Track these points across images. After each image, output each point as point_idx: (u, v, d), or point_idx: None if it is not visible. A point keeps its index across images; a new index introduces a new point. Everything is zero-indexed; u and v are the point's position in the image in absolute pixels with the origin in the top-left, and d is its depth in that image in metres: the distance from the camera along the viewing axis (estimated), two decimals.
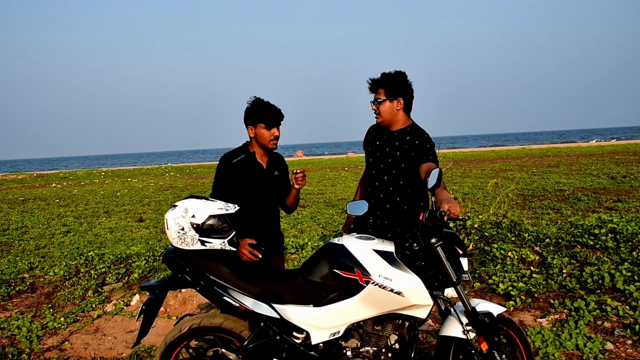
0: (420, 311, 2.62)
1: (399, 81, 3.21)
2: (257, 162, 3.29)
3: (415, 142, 3.16)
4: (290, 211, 3.50)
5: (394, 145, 3.23)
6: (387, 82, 3.20)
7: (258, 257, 3.12)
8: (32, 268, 6.47)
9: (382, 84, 3.21)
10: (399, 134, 3.24)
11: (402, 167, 3.18)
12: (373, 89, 3.26)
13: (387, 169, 3.24)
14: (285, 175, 3.46)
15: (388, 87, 3.20)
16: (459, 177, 14.32)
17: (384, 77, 3.22)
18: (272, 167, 3.35)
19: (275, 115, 3.23)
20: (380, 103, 3.21)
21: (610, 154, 19.12)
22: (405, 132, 3.23)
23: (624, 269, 4.32)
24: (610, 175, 12.47)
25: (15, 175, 33.56)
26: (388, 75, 3.22)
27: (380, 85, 3.21)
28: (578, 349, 3.57)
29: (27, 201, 14.61)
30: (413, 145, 3.15)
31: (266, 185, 3.31)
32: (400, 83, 3.21)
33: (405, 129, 3.24)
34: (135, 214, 11.40)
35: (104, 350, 4.21)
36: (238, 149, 3.34)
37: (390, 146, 3.24)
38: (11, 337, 4.48)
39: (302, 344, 2.68)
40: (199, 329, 2.75)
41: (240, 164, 3.26)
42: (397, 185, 3.21)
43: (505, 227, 5.49)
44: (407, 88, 3.23)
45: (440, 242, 2.67)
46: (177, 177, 22.46)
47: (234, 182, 3.24)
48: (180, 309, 4.86)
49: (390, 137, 3.26)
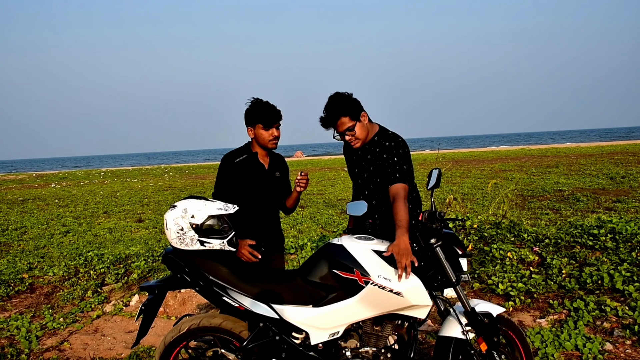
0: (419, 311, 2.63)
1: (349, 101, 3.07)
2: (259, 163, 3.29)
3: (384, 156, 3.05)
4: (289, 212, 3.50)
5: (368, 160, 3.14)
6: (344, 108, 3.04)
7: (257, 257, 3.12)
8: (31, 268, 6.47)
9: (341, 112, 3.04)
10: (370, 145, 3.13)
11: (377, 181, 3.11)
12: (333, 123, 3.08)
13: (365, 183, 3.19)
14: (285, 177, 3.46)
15: (347, 111, 3.04)
16: (459, 178, 14.33)
17: (338, 106, 3.05)
18: (273, 168, 3.35)
19: (273, 116, 3.22)
20: (352, 129, 3.06)
21: (609, 155, 19.13)
22: (374, 142, 3.12)
23: (623, 270, 4.33)
24: (610, 176, 12.47)
25: (14, 175, 33.54)
26: (339, 103, 3.05)
27: (341, 114, 3.04)
28: (577, 349, 3.57)
29: (26, 201, 14.60)
30: (382, 159, 3.05)
31: (267, 186, 3.31)
32: (351, 101, 3.08)
33: (373, 139, 3.13)
34: (135, 214, 11.39)
35: (103, 351, 4.21)
36: (240, 149, 3.34)
37: (365, 160, 3.17)
38: (10, 337, 4.47)
39: (301, 344, 2.68)
40: (198, 329, 2.75)
41: (242, 163, 3.26)
42: (378, 198, 3.14)
43: (505, 228, 5.49)
44: (356, 101, 3.11)
45: (439, 242, 2.67)
46: (176, 177, 22.46)
47: (236, 181, 3.24)
48: (180, 309, 4.86)
49: (363, 152, 3.17)
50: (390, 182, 2.94)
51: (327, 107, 3.08)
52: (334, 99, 3.08)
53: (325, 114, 3.08)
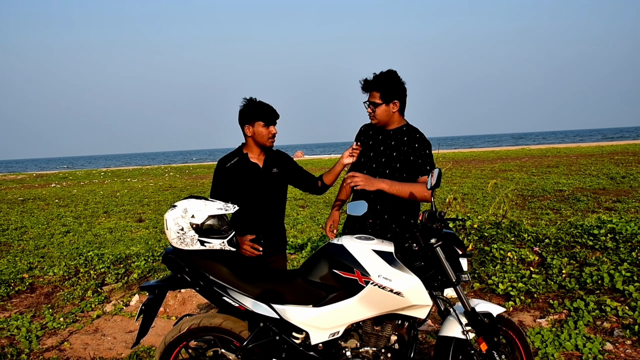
0: (419, 311, 2.63)
1: (392, 83, 3.12)
2: (251, 163, 3.29)
3: (415, 146, 3.12)
4: (323, 191, 3.51)
5: (390, 145, 3.18)
6: (382, 85, 3.11)
7: (260, 250, 3.12)
8: (31, 268, 6.47)
9: (376, 86, 3.12)
10: (395, 133, 3.19)
11: (396, 167, 3.13)
12: (366, 90, 3.18)
13: (380, 168, 3.17)
14: (286, 170, 3.41)
15: (383, 90, 3.11)
16: (459, 178, 14.33)
17: (378, 80, 3.12)
18: (269, 165, 3.33)
19: (273, 113, 3.26)
20: (376, 106, 3.14)
21: (609, 155, 19.14)
22: (402, 131, 3.18)
23: (623, 270, 4.33)
24: (610, 176, 12.48)
25: (14, 175, 33.55)
26: (381, 78, 3.12)
27: (375, 88, 3.13)
28: (577, 349, 3.57)
29: (26, 201, 14.61)
30: (412, 148, 3.11)
31: (264, 184, 3.30)
32: (394, 85, 3.12)
33: (401, 128, 3.20)
34: (135, 214, 11.40)
35: (103, 351, 4.21)
36: (232, 152, 3.35)
37: (385, 145, 3.19)
38: (10, 337, 4.48)
39: (301, 344, 2.68)
40: (199, 329, 2.75)
41: (233, 167, 3.27)
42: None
43: (505, 228, 5.49)
44: (401, 89, 3.15)
45: (439, 242, 2.67)
46: (176, 177, 22.47)
47: (230, 185, 3.25)
48: (180, 309, 4.87)
49: (385, 136, 3.21)
50: (421, 172, 3.08)
51: (375, 75, 3.16)
52: (385, 73, 3.15)
53: (366, 80, 3.17)
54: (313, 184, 3.48)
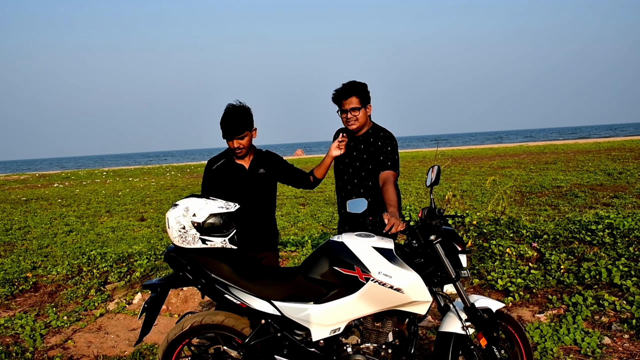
0: (419, 307, 2.65)
1: (365, 89, 3.36)
2: (236, 165, 3.33)
3: (378, 144, 3.32)
4: (315, 185, 3.54)
5: (360, 149, 3.38)
6: (359, 91, 3.32)
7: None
8: (35, 267, 6.50)
9: (355, 92, 3.31)
10: (364, 137, 3.39)
11: (369, 168, 3.33)
12: (345, 96, 3.32)
13: (356, 172, 3.38)
14: (275, 170, 3.43)
15: (361, 95, 3.32)
16: (457, 175, 14.35)
17: (355, 86, 3.33)
18: (256, 166, 3.36)
19: (231, 129, 3.17)
20: (358, 111, 3.31)
21: (606, 151, 19.15)
22: (369, 134, 3.39)
23: (621, 264, 4.36)
24: (607, 172, 12.50)
25: (17, 175, 33.58)
26: (356, 84, 3.33)
27: (354, 94, 3.31)
28: (576, 343, 3.61)
29: (29, 201, 14.64)
30: (376, 146, 3.32)
31: (250, 185, 3.33)
32: (365, 88, 3.36)
33: (368, 131, 3.40)
34: (137, 213, 11.43)
35: (106, 349, 4.25)
36: (220, 154, 3.42)
37: (357, 150, 3.39)
38: (15, 335, 4.51)
39: (302, 340, 2.71)
40: (201, 327, 2.78)
41: (219, 169, 3.33)
42: (367, 186, 3.36)
43: (504, 224, 5.52)
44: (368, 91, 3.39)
45: (439, 239, 2.70)
46: (178, 176, 22.49)
47: (217, 187, 3.30)
48: (182, 307, 4.90)
49: (356, 142, 3.42)
50: (383, 168, 3.23)
51: (344, 84, 3.35)
52: (352, 81, 3.35)
53: (341, 88, 3.34)
54: (304, 180, 3.53)
